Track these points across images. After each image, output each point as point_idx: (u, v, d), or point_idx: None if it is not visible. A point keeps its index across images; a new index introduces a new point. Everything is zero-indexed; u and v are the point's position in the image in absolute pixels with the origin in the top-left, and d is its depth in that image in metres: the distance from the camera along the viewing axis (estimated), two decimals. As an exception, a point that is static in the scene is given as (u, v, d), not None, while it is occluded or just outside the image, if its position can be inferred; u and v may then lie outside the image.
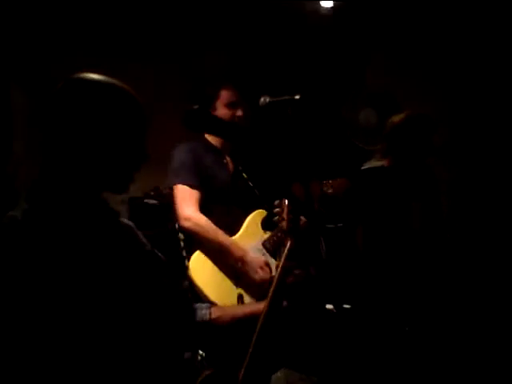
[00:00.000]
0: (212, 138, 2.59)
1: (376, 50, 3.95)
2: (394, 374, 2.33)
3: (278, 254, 2.59)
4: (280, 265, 1.44)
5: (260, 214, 2.57)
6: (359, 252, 2.60)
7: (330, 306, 1.94)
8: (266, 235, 2.52)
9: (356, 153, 3.44)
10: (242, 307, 1.62)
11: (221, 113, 2.50)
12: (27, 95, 3.69)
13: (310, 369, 2.44)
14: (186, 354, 1.38)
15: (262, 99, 2.44)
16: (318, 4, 3.81)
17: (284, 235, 1.50)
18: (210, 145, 2.58)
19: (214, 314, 1.45)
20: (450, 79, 3.69)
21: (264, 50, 4.00)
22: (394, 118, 2.67)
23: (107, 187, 1.27)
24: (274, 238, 2.49)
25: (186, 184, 2.41)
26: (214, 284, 2.30)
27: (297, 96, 2.14)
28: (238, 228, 2.49)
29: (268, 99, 2.43)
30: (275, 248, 2.51)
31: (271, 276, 2.47)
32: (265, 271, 2.36)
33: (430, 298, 2.44)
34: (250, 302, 1.73)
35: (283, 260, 1.44)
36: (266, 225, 2.57)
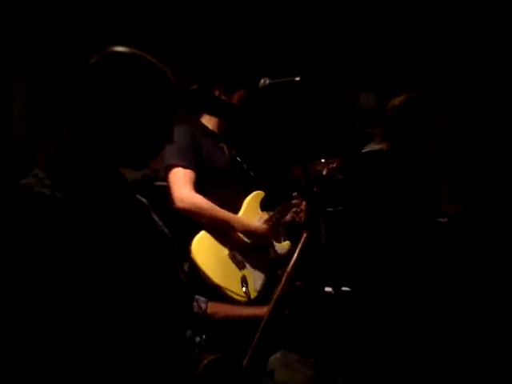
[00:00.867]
0: (208, 123, 2.57)
1: (377, 33, 3.91)
2: (391, 356, 2.35)
3: (276, 235, 2.62)
4: (291, 262, 1.42)
5: (258, 195, 2.58)
6: (357, 234, 2.61)
7: (328, 289, 1.94)
8: (265, 216, 2.53)
9: (356, 135, 3.43)
10: (240, 308, 1.61)
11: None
12: (26, 80, 3.67)
13: (308, 350, 2.47)
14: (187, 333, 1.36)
15: (262, 81, 2.41)
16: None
17: (299, 225, 1.48)
18: (207, 129, 2.56)
19: (211, 309, 1.45)
20: (451, 62, 3.66)
21: (265, 32, 3.96)
22: (394, 101, 2.65)
23: (127, 162, 1.26)
24: (274, 219, 2.50)
25: (180, 165, 2.39)
26: (217, 266, 2.30)
27: (297, 78, 2.12)
28: (237, 209, 2.49)
29: (268, 81, 2.40)
30: (274, 228, 2.53)
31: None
32: (270, 237, 2.40)
33: (430, 283, 2.45)
34: (249, 306, 1.72)
35: (297, 252, 1.42)
36: (264, 205, 2.58)
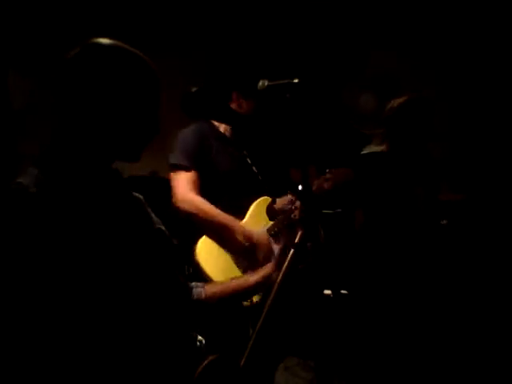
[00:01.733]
0: (220, 124, 2.52)
1: (377, 34, 3.91)
2: (391, 359, 2.34)
3: (279, 241, 2.60)
4: (288, 257, 1.42)
5: (265, 201, 2.54)
6: (357, 236, 2.60)
7: (327, 292, 1.93)
8: (271, 222, 2.51)
9: (356, 137, 3.42)
10: (237, 282, 1.60)
11: (249, 103, 2.46)
12: (26, 80, 3.67)
13: (308, 353, 2.46)
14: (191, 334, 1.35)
15: (261, 83, 2.40)
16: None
17: (294, 224, 1.48)
18: (217, 130, 2.52)
19: (209, 292, 1.45)
20: (451, 63, 3.66)
21: (264, 34, 3.95)
22: (394, 102, 2.64)
23: (118, 155, 1.25)
24: (279, 226, 2.48)
25: (183, 165, 2.36)
26: (220, 269, 2.26)
27: (296, 80, 2.11)
28: (242, 215, 2.47)
29: (266, 83, 2.40)
30: (279, 235, 2.51)
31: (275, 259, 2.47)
32: (270, 250, 2.36)
33: (431, 285, 2.44)
34: (246, 276, 1.71)
35: (292, 251, 1.43)
36: (270, 212, 2.55)
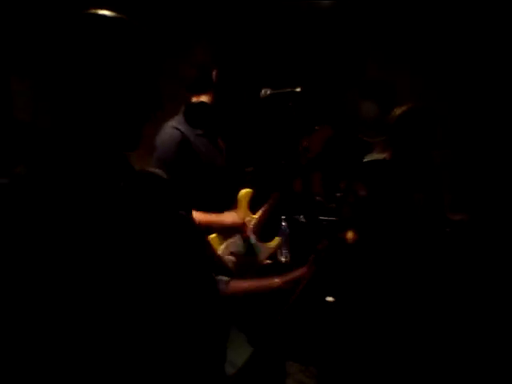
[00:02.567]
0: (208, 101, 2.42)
1: (376, 42, 3.93)
2: (394, 366, 2.35)
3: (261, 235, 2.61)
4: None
5: (247, 193, 2.55)
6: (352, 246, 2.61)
7: (329, 299, 1.95)
8: (254, 218, 2.52)
9: (357, 145, 3.44)
10: (263, 281, 1.59)
11: None
12: (29, 85, 3.68)
13: (310, 360, 2.46)
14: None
15: (263, 91, 2.44)
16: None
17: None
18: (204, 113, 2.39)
19: (233, 288, 1.42)
20: (451, 71, 3.67)
21: (264, 43, 3.98)
22: (396, 111, 2.65)
23: (118, 142, 1.12)
24: (260, 221, 2.49)
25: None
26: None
27: (298, 88, 2.13)
28: (225, 207, 2.45)
29: (269, 91, 2.42)
30: (260, 229, 2.52)
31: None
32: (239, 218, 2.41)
33: (434, 292, 2.45)
34: (272, 278, 1.73)
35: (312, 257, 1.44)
36: (252, 206, 2.56)
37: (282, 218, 2.67)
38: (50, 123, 1.11)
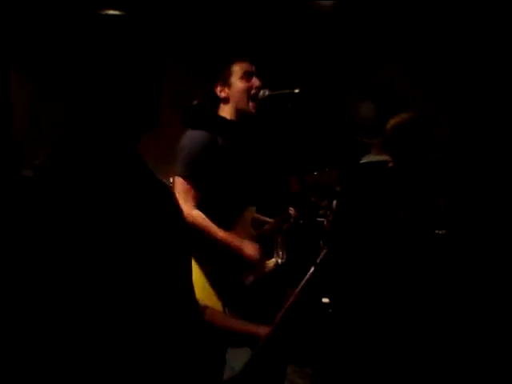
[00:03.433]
0: (227, 115, 2.43)
1: (377, 43, 3.93)
2: (389, 366, 2.35)
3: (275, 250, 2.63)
4: (307, 275, 1.43)
5: (251, 212, 2.55)
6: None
7: (325, 300, 1.95)
8: (261, 230, 2.54)
9: (355, 146, 3.44)
10: (237, 322, 1.58)
11: (238, 87, 2.40)
12: (28, 79, 3.67)
13: (304, 361, 2.47)
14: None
15: (261, 92, 2.43)
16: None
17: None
18: (215, 141, 2.42)
19: (208, 317, 1.40)
20: (451, 72, 3.67)
21: (264, 44, 3.98)
22: (391, 122, 2.64)
23: (140, 125, 1.15)
24: (265, 233, 2.51)
25: (183, 176, 2.32)
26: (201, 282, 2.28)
27: (296, 90, 2.13)
28: (230, 224, 2.45)
29: (267, 92, 2.42)
30: (266, 244, 2.53)
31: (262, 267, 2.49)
32: (260, 255, 2.40)
33: (427, 294, 2.45)
34: (248, 322, 1.68)
35: (312, 269, 1.44)
36: (255, 223, 2.57)
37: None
38: (65, 117, 1.13)
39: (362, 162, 2.77)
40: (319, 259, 1.44)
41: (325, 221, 2.26)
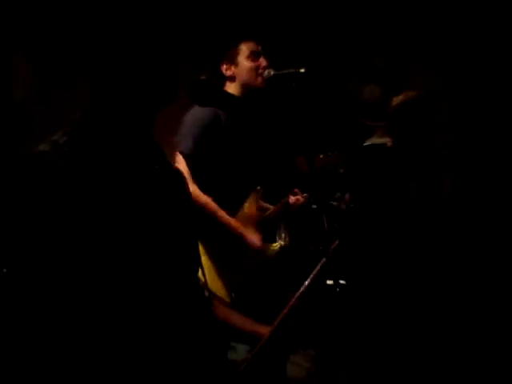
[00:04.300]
0: (234, 91, 2.43)
1: (383, 26, 3.89)
2: (393, 350, 2.36)
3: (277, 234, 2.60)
4: (318, 265, 1.41)
5: (258, 193, 2.53)
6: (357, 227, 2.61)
7: (330, 282, 1.94)
8: (263, 215, 2.52)
9: (358, 128, 3.42)
10: (241, 319, 1.56)
11: (244, 67, 2.39)
12: (30, 63, 3.63)
13: (308, 343, 2.47)
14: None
15: (266, 72, 2.40)
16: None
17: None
18: (219, 117, 2.41)
19: (214, 308, 1.38)
20: (456, 54, 3.64)
21: (269, 24, 3.94)
22: (394, 100, 2.62)
23: (160, 100, 1.15)
24: (268, 217, 2.49)
25: (185, 155, 2.30)
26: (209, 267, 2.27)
27: (302, 69, 2.10)
28: (237, 204, 2.45)
29: (272, 72, 2.39)
30: (269, 229, 2.52)
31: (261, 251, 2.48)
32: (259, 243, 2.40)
33: (432, 277, 2.45)
34: (252, 321, 1.68)
35: (323, 260, 1.41)
36: (259, 208, 2.55)
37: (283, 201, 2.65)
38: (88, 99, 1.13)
39: (364, 144, 2.76)
40: (331, 251, 1.42)
41: (338, 204, 2.25)
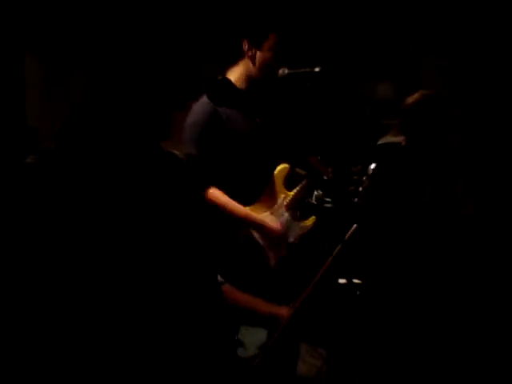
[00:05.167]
0: (237, 81, 2.38)
1: (398, 25, 3.87)
2: (403, 349, 2.36)
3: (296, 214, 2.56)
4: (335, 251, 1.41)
5: (283, 169, 2.48)
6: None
7: (342, 281, 1.94)
8: (289, 195, 2.48)
9: (372, 127, 3.41)
10: (256, 301, 1.56)
11: (264, 55, 2.37)
12: (41, 65, 3.66)
13: (319, 341, 2.47)
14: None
15: (281, 70, 2.39)
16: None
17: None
18: (232, 91, 2.41)
19: (226, 293, 1.39)
20: (470, 54, 3.62)
21: (285, 22, 3.93)
22: (408, 100, 2.62)
23: (149, 131, 1.17)
24: (296, 199, 2.45)
25: (192, 156, 2.26)
26: None
27: (317, 68, 2.10)
28: (261, 182, 2.42)
29: (287, 71, 2.38)
30: (297, 209, 2.48)
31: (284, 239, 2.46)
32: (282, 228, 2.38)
33: (442, 278, 2.44)
34: (267, 302, 1.66)
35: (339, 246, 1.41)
36: (288, 183, 2.51)
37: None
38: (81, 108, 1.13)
39: (379, 143, 2.75)
40: (347, 236, 1.43)
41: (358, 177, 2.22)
